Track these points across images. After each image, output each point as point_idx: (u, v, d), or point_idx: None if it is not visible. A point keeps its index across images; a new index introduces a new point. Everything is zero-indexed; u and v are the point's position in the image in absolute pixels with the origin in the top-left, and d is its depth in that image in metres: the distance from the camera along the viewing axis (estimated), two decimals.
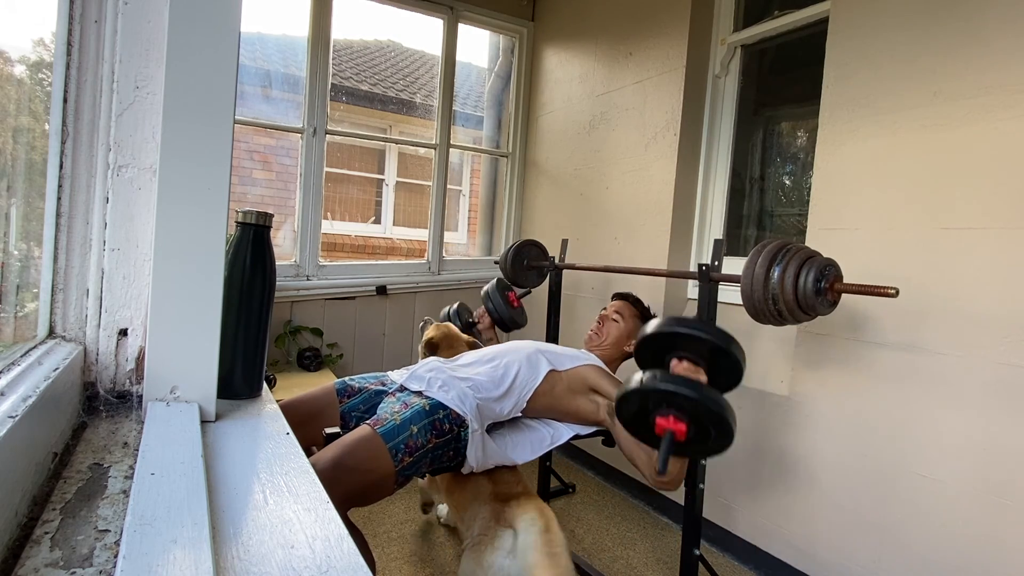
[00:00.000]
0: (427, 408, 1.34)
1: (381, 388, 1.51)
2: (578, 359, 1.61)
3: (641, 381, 1.03)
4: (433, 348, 1.89)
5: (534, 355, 1.57)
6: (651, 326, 1.14)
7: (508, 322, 2.05)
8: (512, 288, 2.16)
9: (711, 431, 1.04)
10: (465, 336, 1.95)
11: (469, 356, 1.61)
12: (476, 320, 2.10)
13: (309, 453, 1.35)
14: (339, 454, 1.19)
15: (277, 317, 2.52)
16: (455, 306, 2.14)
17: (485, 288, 2.09)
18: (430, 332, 1.89)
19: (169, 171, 0.62)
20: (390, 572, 1.78)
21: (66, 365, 0.57)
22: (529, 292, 2.26)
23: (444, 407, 1.36)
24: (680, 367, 1.12)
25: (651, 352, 1.18)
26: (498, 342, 2.01)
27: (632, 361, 1.54)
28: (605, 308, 1.86)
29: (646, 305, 1.88)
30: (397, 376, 1.55)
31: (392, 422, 1.28)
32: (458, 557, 1.87)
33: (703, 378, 1.11)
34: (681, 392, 1.00)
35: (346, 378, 1.55)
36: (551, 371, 1.54)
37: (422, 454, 1.29)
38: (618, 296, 1.89)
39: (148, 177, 0.65)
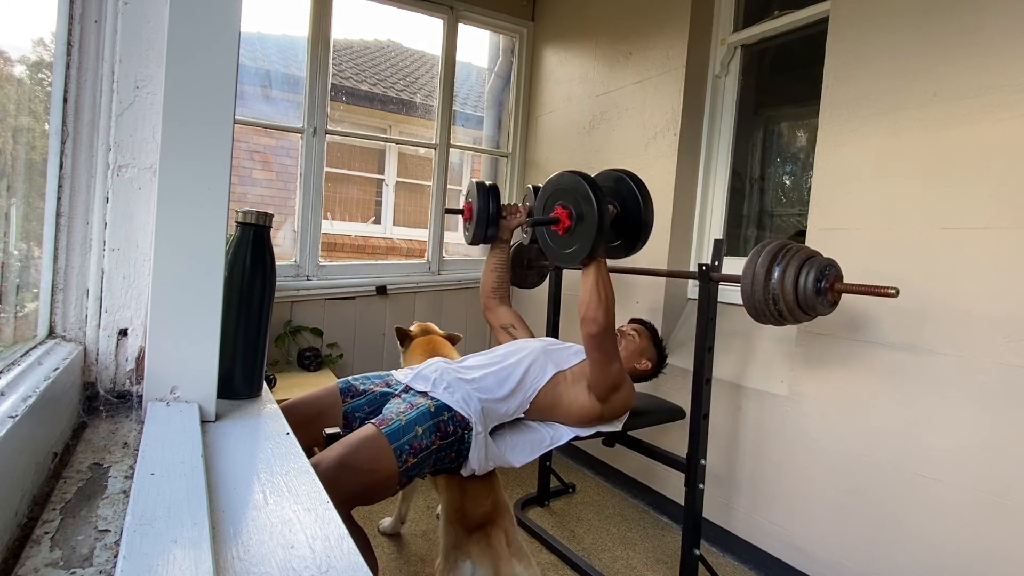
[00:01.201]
0: (432, 409, 1.34)
1: (386, 390, 1.51)
2: (582, 354, 1.61)
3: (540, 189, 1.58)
4: (403, 337, 1.97)
5: (541, 356, 1.57)
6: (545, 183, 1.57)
7: (547, 234, 1.62)
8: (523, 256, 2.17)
9: (583, 208, 1.41)
10: (442, 333, 1.99)
11: (475, 357, 1.61)
12: (506, 214, 1.85)
13: (311, 453, 1.35)
14: (343, 453, 1.19)
15: (277, 317, 2.52)
16: (489, 182, 1.85)
17: (537, 184, 1.78)
18: (414, 328, 1.95)
19: (169, 171, 0.62)
20: (390, 572, 1.78)
21: (66, 365, 0.57)
22: (543, 267, 2.17)
23: (449, 409, 1.36)
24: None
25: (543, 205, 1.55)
26: (509, 247, 1.93)
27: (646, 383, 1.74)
28: (622, 326, 1.83)
29: (660, 337, 1.86)
30: (402, 376, 1.54)
31: (397, 423, 1.28)
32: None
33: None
34: (560, 186, 1.49)
35: (349, 378, 1.55)
36: (557, 373, 1.55)
37: (426, 455, 1.29)
38: (636, 321, 1.86)
39: (148, 177, 0.65)
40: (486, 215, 1.80)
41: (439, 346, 1.92)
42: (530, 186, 1.92)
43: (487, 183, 1.85)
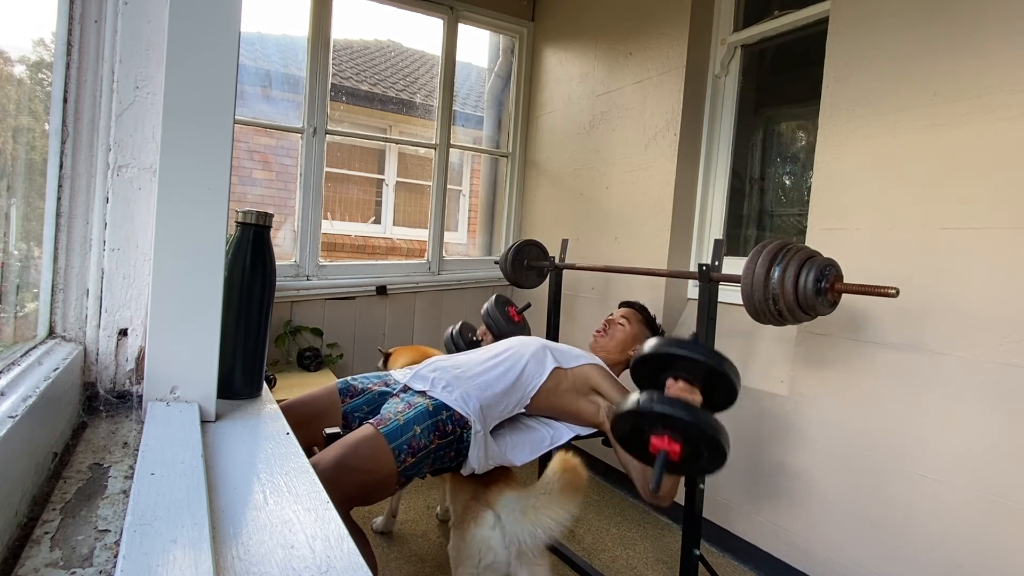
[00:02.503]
0: (430, 409, 1.34)
1: (385, 389, 1.51)
2: (583, 358, 1.61)
3: (638, 402, 1.07)
4: (385, 359, 2.07)
5: (540, 351, 1.57)
6: (648, 346, 1.16)
7: (511, 336, 2.02)
8: (511, 303, 2.16)
9: (704, 452, 1.07)
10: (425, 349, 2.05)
11: (473, 354, 1.61)
12: (479, 339, 2.09)
13: (310, 453, 1.35)
14: (342, 453, 1.19)
15: (277, 317, 2.52)
16: (457, 327, 2.13)
17: (484, 306, 2.09)
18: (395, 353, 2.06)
19: (169, 171, 0.62)
20: (390, 572, 1.78)
21: (66, 365, 0.57)
22: (529, 306, 2.25)
23: (447, 408, 1.36)
24: (675, 387, 1.14)
25: (648, 371, 1.20)
26: None
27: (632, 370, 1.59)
28: (612, 313, 1.85)
29: (652, 314, 1.88)
30: (400, 376, 1.54)
31: (395, 422, 1.28)
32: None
33: (698, 398, 1.13)
34: (676, 415, 1.04)
35: (348, 378, 1.55)
36: (556, 368, 1.54)
37: (424, 455, 1.29)
38: (625, 304, 1.90)
39: (148, 177, 0.65)
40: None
41: (420, 350, 2.06)
42: (484, 306, 2.08)
43: (451, 331, 2.09)
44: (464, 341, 2.07)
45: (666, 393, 1.14)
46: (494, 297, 2.12)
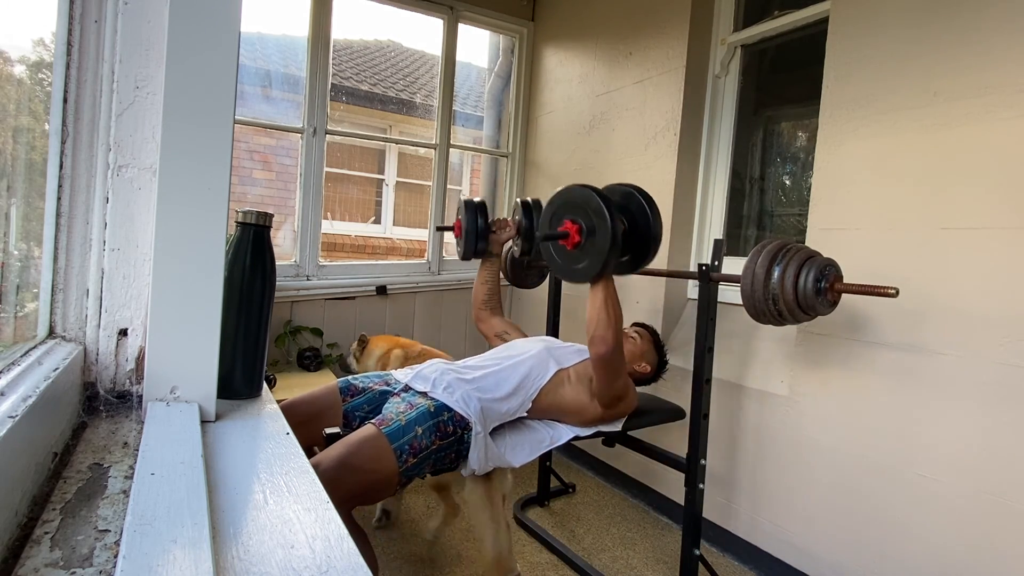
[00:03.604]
0: (432, 410, 1.34)
1: (385, 388, 1.51)
2: (584, 352, 1.61)
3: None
4: (363, 346, 2.17)
5: (543, 354, 1.57)
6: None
7: (537, 245, 1.78)
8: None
9: (594, 223, 1.36)
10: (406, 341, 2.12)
11: (476, 358, 1.61)
12: (495, 228, 1.88)
13: (311, 453, 1.35)
14: (344, 453, 1.19)
15: (277, 317, 2.52)
16: (478, 199, 1.91)
17: (526, 199, 1.88)
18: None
19: (169, 171, 0.62)
20: (390, 572, 1.78)
21: (66, 365, 0.57)
22: (542, 266, 2.04)
23: (449, 409, 1.36)
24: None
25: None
26: (500, 260, 1.93)
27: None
28: (626, 328, 1.83)
29: (661, 342, 1.86)
30: (401, 376, 1.54)
31: (397, 423, 1.29)
32: (458, 557, 1.88)
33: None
34: (575, 188, 1.44)
35: (349, 377, 1.55)
36: (558, 371, 1.55)
37: (426, 455, 1.29)
38: (638, 325, 1.87)
39: (148, 177, 0.65)
40: (475, 230, 1.86)
41: (395, 340, 2.19)
42: (518, 200, 1.93)
43: (475, 200, 1.90)
44: (483, 219, 1.86)
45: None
46: (534, 200, 1.91)
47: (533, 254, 1.89)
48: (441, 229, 2.05)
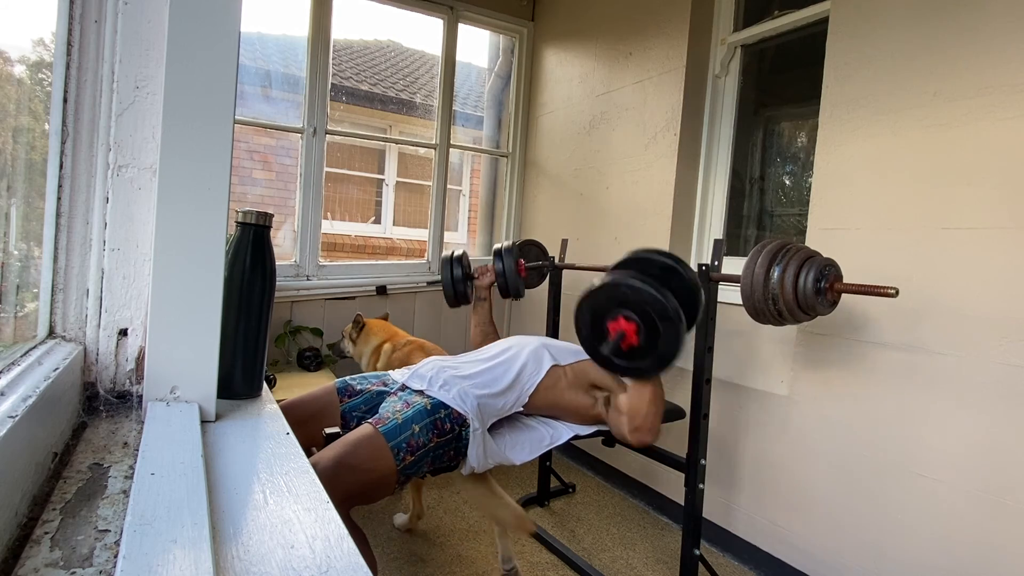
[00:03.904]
0: (429, 407, 1.34)
1: (383, 388, 1.51)
2: (582, 354, 1.61)
3: (591, 285, 1.11)
4: (359, 328, 2.22)
5: (539, 349, 1.57)
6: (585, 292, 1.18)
7: (511, 287, 1.95)
8: (522, 257, 2.12)
9: (658, 324, 1.10)
10: (404, 334, 2.15)
11: (472, 354, 1.61)
12: (476, 275, 1.99)
13: (309, 453, 1.35)
14: (341, 453, 1.19)
15: (277, 317, 2.52)
16: (459, 251, 2.02)
17: (498, 246, 1.99)
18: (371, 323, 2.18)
19: (169, 171, 0.62)
20: (390, 572, 1.78)
21: (66, 365, 0.57)
22: (542, 267, 2.17)
23: (445, 406, 1.36)
24: (617, 327, 1.14)
25: (589, 327, 1.20)
26: (490, 304, 1.99)
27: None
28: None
29: None
30: (399, 375, 1.55)
31: (394, 421, 1.29)
32: (458, 557, 1.88)
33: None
34: (622, 283, 1.09)
35: (347, 377, 1.55)
36: (554, 366, 1.54)
37: (423, 453, 1.29)
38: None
39: (148, 177, 0.65)
40: (451, 281, 1.97)
41: (391, 329, 2.25)
42: (497, 246, 2.01)
43: (452, 254, 2.01)
44: (462, 269, 1.97)
45: (611, 339, 1.15)
46: (511, 242, 2.05)
47: (514, 294, 1.99)
48: (431, 284, 2.21)
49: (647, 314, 1.10)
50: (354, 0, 2.77)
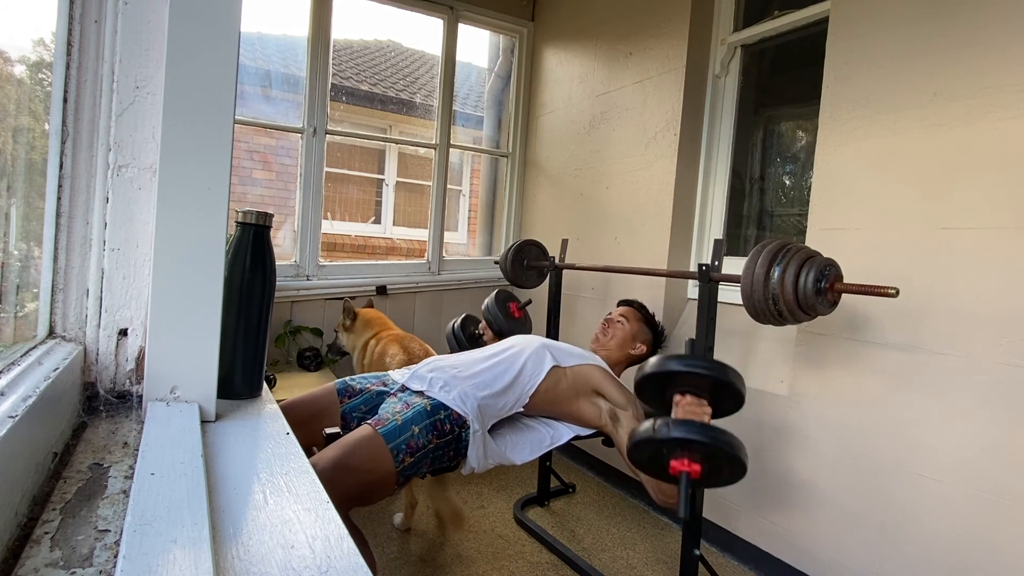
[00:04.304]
0: (428, 408, 1.34)
1: (383, 389, 1.51)
2: (583, 358, 1.61)
3: (654, 430, 1.06)
4: (353, 317, 2.27)
5: (540, 350, 1.57)
6: (650, 365, 1.16)
7: (508, 334, 2.04)
8: (514, 298, 2.17)
9: (724, 467, 1.07)
10: (397, 330, 2.20)
11: (472, 353, 1.61)
12: (480, 332, 2.12)
13: (309, 453, 1.35)
14: (340, 454, 1.19)
15: (277, 317, 2.52)
16: (459, 320, 2.15)
17: (485, 302, 2.12)
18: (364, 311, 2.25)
19: (169, 171, 0.62)
20: (390, 572, 1.78)
21: (66, 365, 0.57)
22: (530, 302, 2.26)
23: (445, 407, 1.36)
24: (684, 403, 1.14)
25: (653, 389, 1.20)
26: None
27: (635, 368, 1.60)
28: (610, 312, 1.87)
29: (650, 312, 1.89)
30: (399, 376, 1.55)
31: (393, 422, 1.28)
32: (458, 557, 1.88)
33: (708, 411, 1.13)
34: (693, 438, 1.03)
35: (347, 378, 1.55)
36: (555, 367, 1.54)
37: (423, 454, 1.29)
38: (623, 302, 1.92)
39: (148, 177, 0.65)
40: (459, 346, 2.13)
41: (385, 320, 2.30)
42: (484, 304, 2.13)
43: (453, 327, 2.17)
44: (466, 335, 2.08)
45: (675, 412, 1.14)
46: (495, 293, 2.13)
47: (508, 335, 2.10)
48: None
49: (715, 459, 1.06)
50: (354, 0, 2.77)
